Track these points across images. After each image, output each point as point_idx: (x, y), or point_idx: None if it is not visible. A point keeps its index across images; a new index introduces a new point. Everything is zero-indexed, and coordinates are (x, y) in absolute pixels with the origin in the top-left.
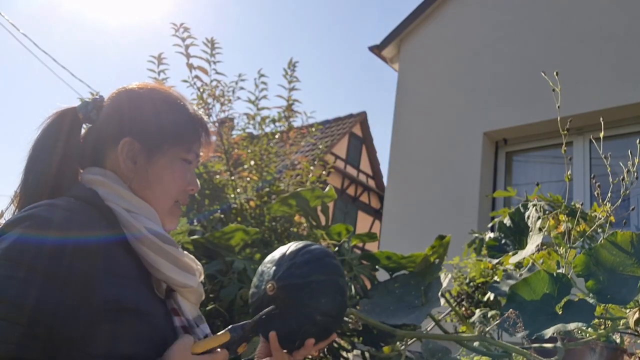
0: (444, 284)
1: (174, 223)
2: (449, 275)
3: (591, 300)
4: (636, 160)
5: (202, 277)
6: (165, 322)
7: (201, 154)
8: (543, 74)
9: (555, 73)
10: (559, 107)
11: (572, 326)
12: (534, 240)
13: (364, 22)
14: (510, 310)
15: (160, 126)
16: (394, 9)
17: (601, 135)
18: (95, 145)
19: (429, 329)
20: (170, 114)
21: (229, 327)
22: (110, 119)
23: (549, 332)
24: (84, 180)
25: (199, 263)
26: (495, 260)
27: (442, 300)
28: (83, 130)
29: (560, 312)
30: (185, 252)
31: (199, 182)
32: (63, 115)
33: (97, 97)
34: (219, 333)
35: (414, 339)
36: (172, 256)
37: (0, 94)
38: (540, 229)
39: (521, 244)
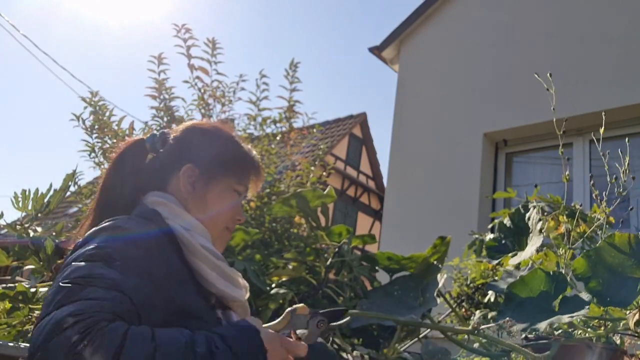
0: (440, 283)
1: (222, 246)
2: (445, 275)
3: (586, 297)
4: (627, 159)
5: (248, 293)
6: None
7: (250, 188)
8: (536, 76)
9: (548, 74)
10: (554, 108)
11: (565, 319)
12: (534, 242)
13: (364, 23)
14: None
15: (219, 158)
16: (394, 10)
17: (601, 132)
18: (159, 171)
19: (428, 331)
20: (228, 149)
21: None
22: (175, 149)
23: (542, 325)
24: (147, 202)
25: (243, 279)
26: (495, 261)
27: (440, 300)
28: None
29: (557, 309)
30: (233, 268)
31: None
32: (132, 147)
33: (164, 130)
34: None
35: (414, 340)
36: (224, 271)
37: (0, 94)
38: (540, 231)
39: (521, 245)
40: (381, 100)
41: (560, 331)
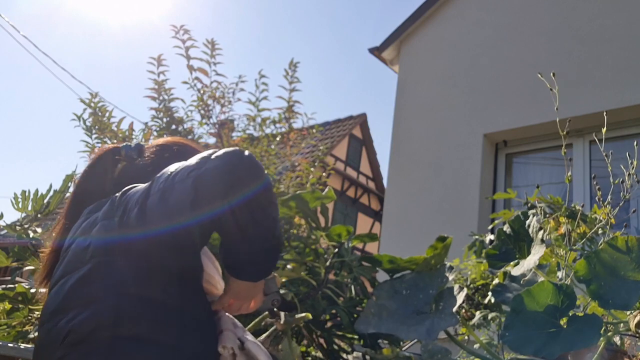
0: (459, 301)
1: None
2: (464, 291)
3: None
4: (635, 163)
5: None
6: None
7: None
8: (540, 76)
9: (552, 74)
10: (557, 108)
11: (579, 347)
12: (537, 252)
13: (364, 24)
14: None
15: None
16: (394, 11)
17: (603, 131)
18: (151, 171)
19: None
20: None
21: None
22: (162, 154)
23: (556, 352)
24: None
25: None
26: (498, 271)
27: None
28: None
29: (564, 326)
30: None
31: None
32: (108, 153)
33: (139, 144)
34: None
35: (414, 341)
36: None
37: (0, 95)
38: (542, 240)
39: (522, 252)
40: (381, 101)
41: None
